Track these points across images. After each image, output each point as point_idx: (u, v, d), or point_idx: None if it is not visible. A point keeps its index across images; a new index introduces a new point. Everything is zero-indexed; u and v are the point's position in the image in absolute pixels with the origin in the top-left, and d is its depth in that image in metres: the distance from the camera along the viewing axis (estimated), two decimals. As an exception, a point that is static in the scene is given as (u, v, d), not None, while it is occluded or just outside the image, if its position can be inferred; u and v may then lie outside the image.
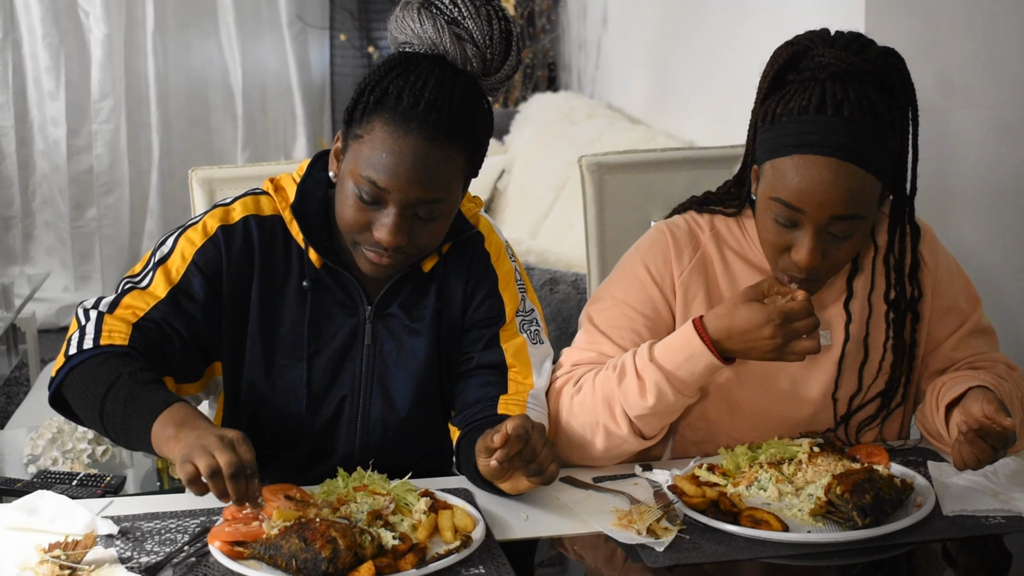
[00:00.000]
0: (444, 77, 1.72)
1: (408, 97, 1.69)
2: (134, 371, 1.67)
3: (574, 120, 4.93)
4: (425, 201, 1.70)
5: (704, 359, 1.76)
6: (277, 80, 6.28)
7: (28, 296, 4.81)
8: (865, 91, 1.75)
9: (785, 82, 1.81)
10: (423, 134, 1.68)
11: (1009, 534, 1.65)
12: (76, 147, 5.84)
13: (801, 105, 1.76)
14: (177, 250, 1.81)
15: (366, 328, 1.84)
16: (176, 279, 1.79)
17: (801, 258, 1.78)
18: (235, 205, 1.84)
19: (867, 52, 1.77)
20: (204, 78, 6.14)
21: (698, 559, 1.57)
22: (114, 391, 1.65)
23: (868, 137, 1.74)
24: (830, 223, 1.76)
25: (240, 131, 6.17)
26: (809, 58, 1.78)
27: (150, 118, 5.96)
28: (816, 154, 1.74)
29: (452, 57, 1.75)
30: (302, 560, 1.47)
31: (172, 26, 5.99)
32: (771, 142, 1.79)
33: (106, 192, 5.90)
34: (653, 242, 1.97)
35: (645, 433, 1.83)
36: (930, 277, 1.97)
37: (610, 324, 1.93)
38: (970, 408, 1.73)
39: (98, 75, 5.80)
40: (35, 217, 5.92)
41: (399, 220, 1.71)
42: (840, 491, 1.63)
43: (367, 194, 1.70)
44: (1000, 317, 2.25)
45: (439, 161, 1.70)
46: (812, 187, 1.74)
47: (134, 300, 1.78)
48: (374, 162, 1.69)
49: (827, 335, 1.92)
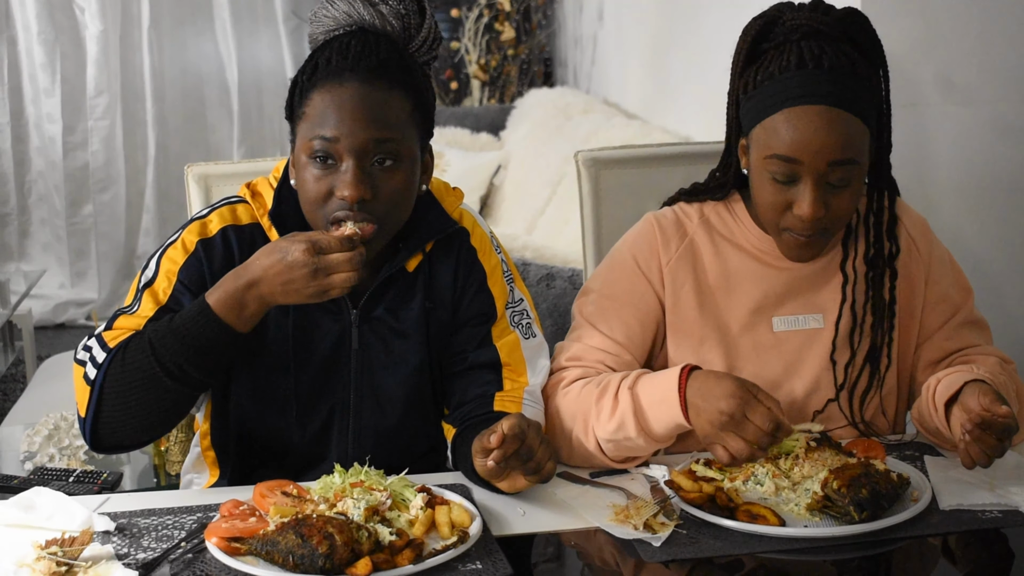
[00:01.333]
0: (366, 37, 1.75)
1: (336, 56, 1.72)
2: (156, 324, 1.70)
3: (570, 115, 4.93)
4: (378, 142, 1.70)
5: (672, 412, 1.75)
6: (273, 76, 6.26)
7: (24, 293, 4.80)
8: (838, 46, 1.80)
9: (760, 52, 1.86)
10: (358, 78, 1.70)
11: (1005, 528, 1.65)
12: (72, 144, 5.83)
13: (781, 66, 1.81)
14: (161, 271, 1.79)
15: (353, 333, 1.83)
16: (164, 299, 1.78)
17: (804, 211, 1.80)
18: (212, 217, 1.82)
19: (833, 13, 1.84)
20: (200, 74, 6.13)
21: (695, 554, 1.58)
22: (157, 340, 1.68)
23: (850, 85, 1.79)
24: (828, 171, 1.79)
25: (236, 127, 6.15)
26: (780, 24, 1.84)
27: (146, 114, 5.95)
28: (806, 104, 1.78)
29: (371, 23, 1.77)
30: (299, 556, 1.47)
31: (167, 22, 5.98)
32: (757, 107, 1.83)
33: (102, 189, 5.88)
34: (640, 233, 1.99)
35: (610, 456, 1.83)
36: (923, 267, 1.98)
37: (599, 316, 1.94)
38: (968, 403, 1.73)
39: (93, 71, 5.79)
40: (31, 214, 5.91)
41: (357, 170, 1.69)
42: (837, 486, 1.63)
43: (320, 152, 1.70)
44: (996, 313, 2.26)
45: (380, 101, 1.71)
46: (806, 136, 1.77)
47: (125, 322, 1.77)
48: (319, 121, 1.70)
49: (819, 318, 1.94)
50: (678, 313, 1.94)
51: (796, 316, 1.94)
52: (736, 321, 1.93)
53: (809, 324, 1.94)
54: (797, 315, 1.94)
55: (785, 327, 1.93)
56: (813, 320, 1.94)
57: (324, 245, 1.62)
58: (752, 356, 1.92)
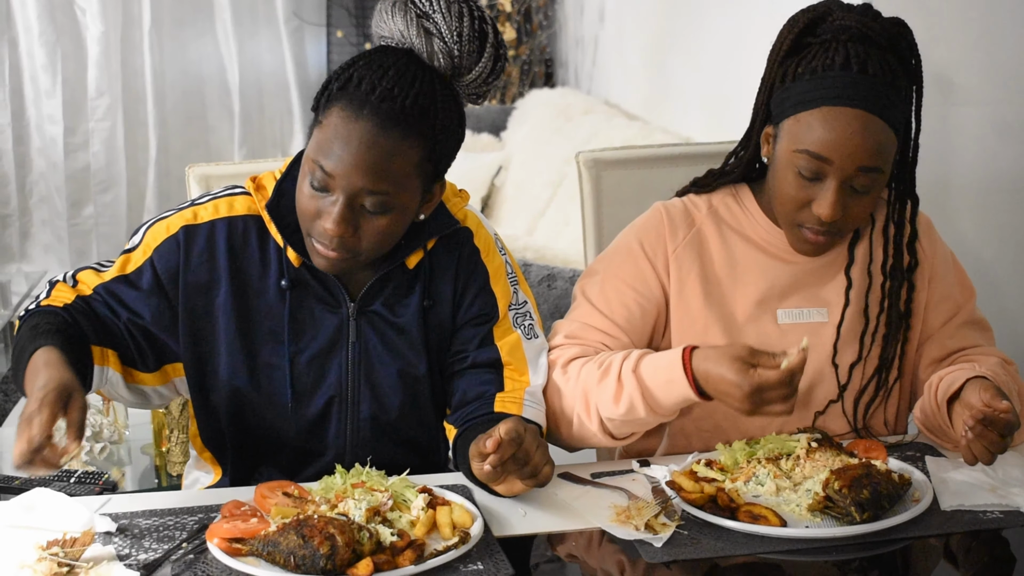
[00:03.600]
0: (406, 69, 1.70)
1: (366, 84, 1.68)
2: (38, 323, 1.71)
3: (571, 116, 4.93)
4: (371, 192, 1.68)
5: (682, 389, 1.76)
6: (274, 77, 6.27)
7: (25, 294, 4.80)
8: (884, 55, 1.81)
9: (804, 45, 1.85)
10: (373, 121, 1.66)
11: (1006, 529, 1.65)
12: (73, 145, 5.84)
13: (825, 64, 1.81)
14: (143, 243, 1.82)
15: (350, 325, 1.83)
16: (129, 270, 1.81)
17: (823, 211, 1.81)
18: (207, 206, 1.83)
19: (882, 20, 1.84)
20: (201, 75, 6.14)
21: (696, 554, 1.57)
22: (18, 338, 1.71)
23: (889, 96, 1.80)
24: (855, 175, 1.80)
25: (237, 128, 6.16)
26: (828, 22, 1.83)
27: (147, 116, 5.95)
28: (845, 106, 1.78)
29: (419, 51, 1.73)
30: (300, 557, 1.47)
31: (168, 23, 5.98)
32: (793, 98, 1.83)
33: (103, 190, 5.89)
34: (647, 219, 1.99)
35: (614, 434, 1.85)
36: (927, 267, 1.98)
37: (601, 298, 1.95)
38: (970, 400, 1.74)
39: (94, 73, 5.80)
40: (32, 215, 5.91)
41: (344, 210, 1.68)
42: (838, 486, 1.63)
43: (317, 180, 1.69)
44: (997, 313, 2.26)
45: (387, 151, 1.67)
46: (841, 138, 1.78)
47: (87, 276, 1.82)
48: (324, 147, 1.68)
49: (824, 312, 1.94)
50: (682, 301, 1.94)
51: (801, 309, 1.94)
52: (741, 312, 1.94)
53: (813, 318, 1.94)
54: (802, 308, 1.94)
55: (789, 320, 1.94)
56: (818, 314, 1.94)
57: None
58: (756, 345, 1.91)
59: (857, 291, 1.94)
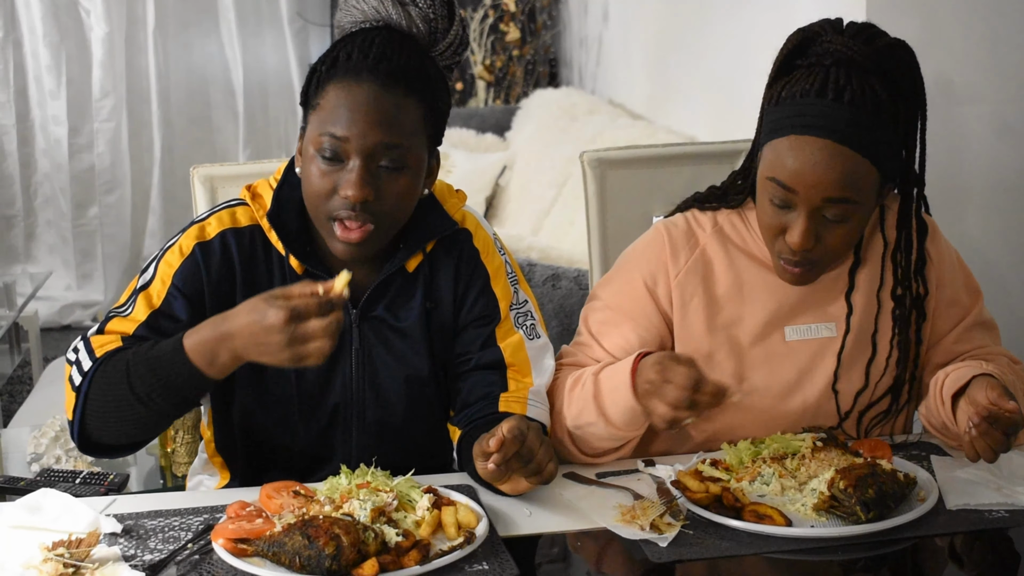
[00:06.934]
0: (390, 38, 1.75)
1: (357, 54, 1.72)
2: (138, 348, 1.69)
3: (575, 116, 4.93)
4: (387, 146, 1.70)
5: (625, 395, 1.75)
6: (278, 77, 6.26)
7: (30, 295, 4.81)
8: (868, 80, 1.75)
9: (793, 67, 1.81)
10: (375, 81, 1.70)
11: (1012, 528, 1.65)
12: (77, 146, 5.84)
13: (804, 88, 1.76)
14: (157, 276, 1.79)
15: (353, 332, 1.83)
16: (157, 303, 1.77)
17: (794, 240, 1.78)
18: (210, 220, 1.82)
19: (876, 42, 1.78)
20: (205, 76, 6.14)
21: (701, 554, 1.57)
22: (133, 365, 1.66)
23: (866, 124, 1.73)
24: (823, 205, 1.76)
25: (241, 129, 6.16)
26: (817, 44, 1.79)
27: (151, 116, 5.96)
28: (812, 135, 1.74)
29: (397, 22, 1.77)
30: (306, 557, 1.47)
31: (173, 24, 5.99)
32: (772, 123, 1.80)
33: (108, 191, 5.89)
34: (648, 244, 1.96)
35: (578, 447, 1.84)
36: (934, 271, 1.97)
37: (601, 329, 1.94)
38: (975, 397, 1.73)
39: (99, 73, 5.80)
40: (37, 216, 5.91)
41: (363, 171, 1.70)
42: (843, 485, 1.63)
43: (329, 151, 1.70)
44: (1003, 312, 2.25)
45: (394, 106, 1.71)
46: (805, 168, 1.74)
47: (117, 325, 1.77)
48: (331, 119, 1.70)
49: (832, 327, 1.92)
50: (686, 327, 1.92)
51: (809, 325, 1.92)
52: (748, 332, 1.91)
53: (821, 333, 1.92)
54: (810, 324, 1.92)
55: (797, 336, 1.92)
56: (825, 329, 1.92)
57: (302, 310, 1.56)
58: (763, 365, 1.91)
59: (860, 317, 1.92)
